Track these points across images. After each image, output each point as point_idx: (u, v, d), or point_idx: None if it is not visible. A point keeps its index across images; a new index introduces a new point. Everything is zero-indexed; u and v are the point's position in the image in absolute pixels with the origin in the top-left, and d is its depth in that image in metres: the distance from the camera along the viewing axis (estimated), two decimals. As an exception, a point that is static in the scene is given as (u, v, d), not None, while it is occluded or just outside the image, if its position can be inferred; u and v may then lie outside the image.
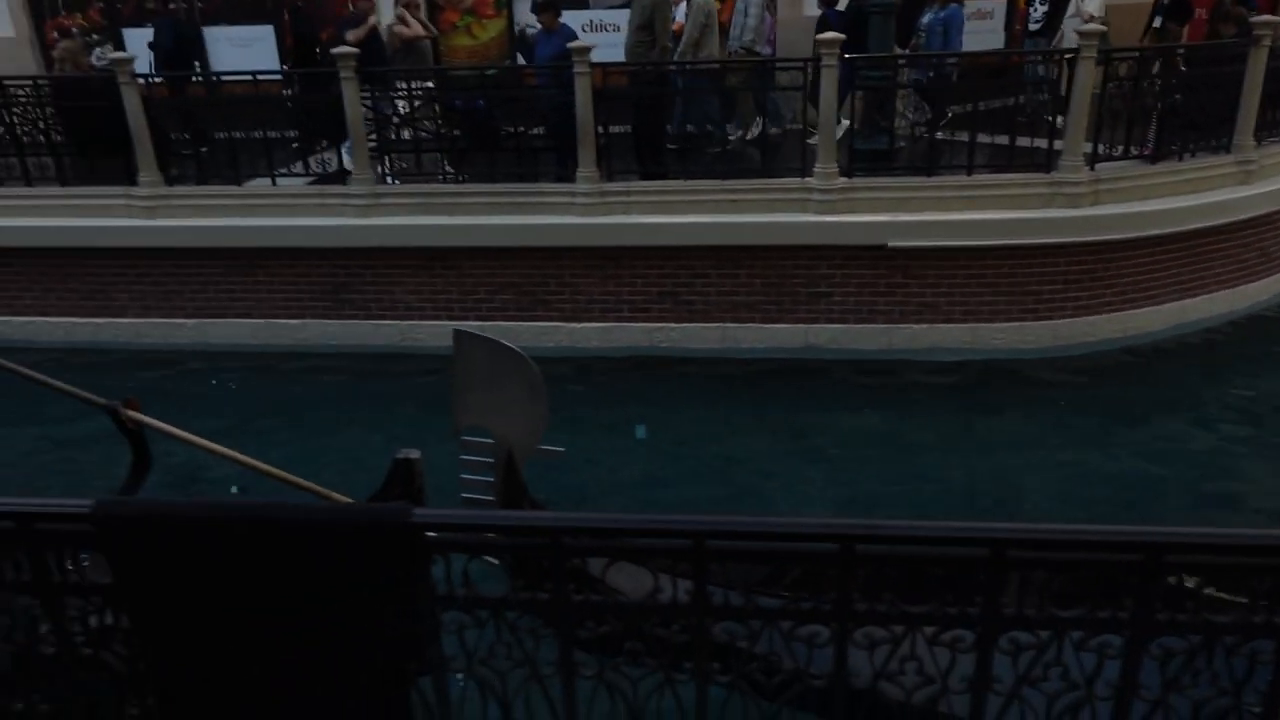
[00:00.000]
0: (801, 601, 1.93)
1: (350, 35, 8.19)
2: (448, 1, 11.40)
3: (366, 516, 1.96)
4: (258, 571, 2.02)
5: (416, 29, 8.81)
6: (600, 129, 7.26)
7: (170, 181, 7.69)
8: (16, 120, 7.75)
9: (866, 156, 7.29)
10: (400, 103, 7.63)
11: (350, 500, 3.66)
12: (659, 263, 7.41)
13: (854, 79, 7.24)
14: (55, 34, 12.06)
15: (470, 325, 7.67)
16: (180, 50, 9.64)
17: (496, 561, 2.23)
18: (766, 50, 8.96)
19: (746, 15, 8.62)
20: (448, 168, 7.82)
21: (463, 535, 1.96)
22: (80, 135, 7.88)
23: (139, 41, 10.11)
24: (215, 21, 11.94)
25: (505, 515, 1.92)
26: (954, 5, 8.71)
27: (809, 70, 7.00)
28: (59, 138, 7.94)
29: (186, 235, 7.61)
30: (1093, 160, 6.98)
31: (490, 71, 9.42)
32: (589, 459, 6.27)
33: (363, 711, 2.09)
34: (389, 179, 7.70)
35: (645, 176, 7.55)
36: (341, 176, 7.64)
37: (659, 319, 7.57)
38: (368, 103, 7.32)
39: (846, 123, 7.72)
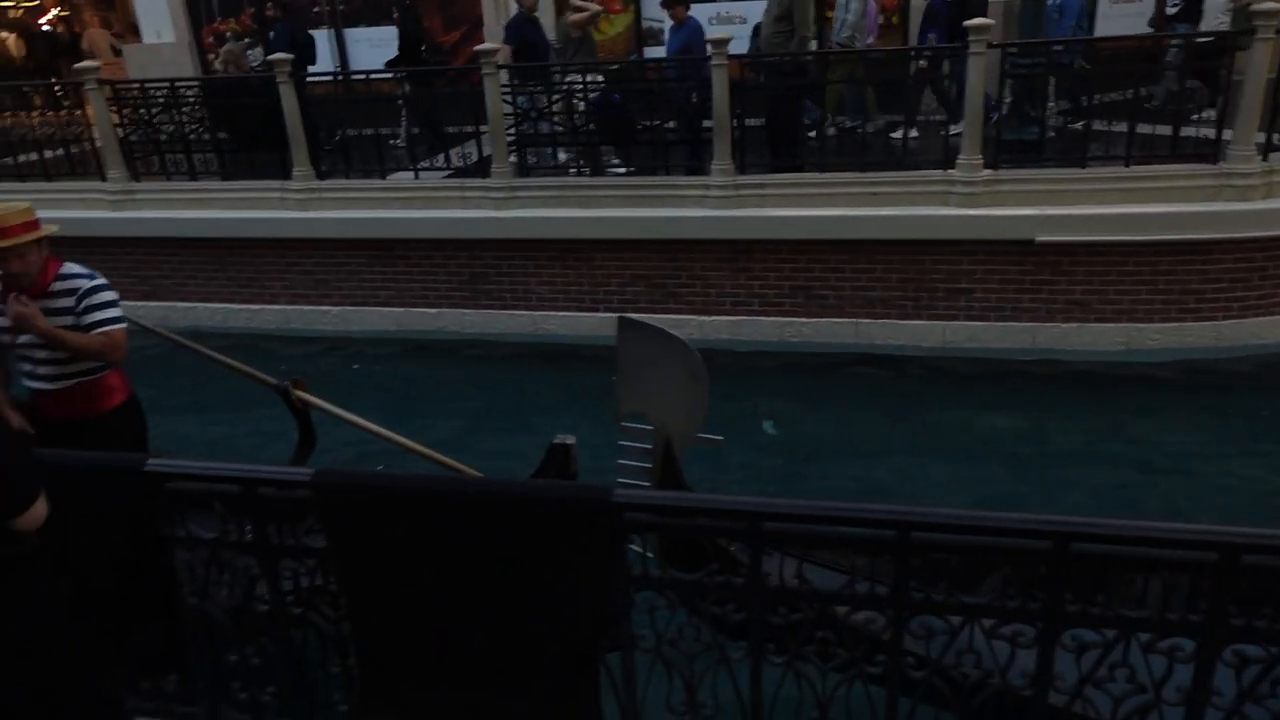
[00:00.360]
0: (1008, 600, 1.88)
1: (573, 18, 8.35)
2: (576, -3, 11.57)
3: (570, 494, 2.01)
4: (462, 543, 2.09)
5: (592, 6, 8.76)
6: (735, 122, 7.23)
7: (321, 175, 8.07)
8: (185, 119, 8.28)
9: (1013, 147, 7.01)
10: (540, 97, 7.76)
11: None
12: (791, 256, 7.33)
13: (1002, 66, 6.97)
14: (211, 39, 12.85)
15: (599, 317, 7.82)
16: (295, 54, 10.06)
17: (640, 549, 2.24)
18: (870, 42, 8.76)
19: (847, 10, 8.44)
20: (581, 162, 7.93)
21: (661, 517, 1.99)
22: (241, 132, 8.36)
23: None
24: (355, 23, 12.47)
25: (705, 498, 1.93)
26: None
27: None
28: (222, 135, 8.43)
29: (334, 226, 7.97)
30: (1265, 150, 6.53)
31: (614, 67, 9.48)
32: (716, 453, 6.27)
33: (554, 683, 2.15)
34: (525, 172, 7.87)
35: (777, 169, 7.48)
36: (480, 169, 7.86)
37: (790, 313, 7.49)
38: (508, 98, 7.49)
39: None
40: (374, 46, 12.30)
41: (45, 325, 3.33)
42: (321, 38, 12.43)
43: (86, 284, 3.50)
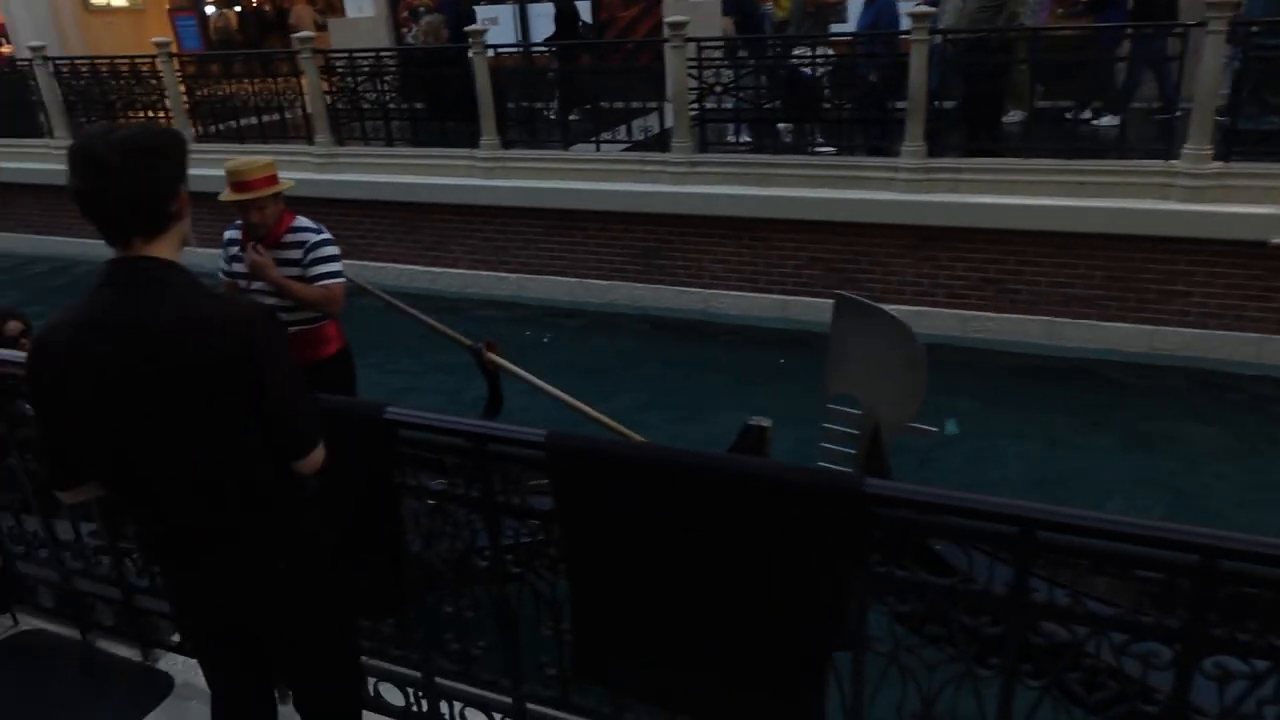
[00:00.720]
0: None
1: None
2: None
3: (820, 480, 1.91)
4: (695, 519, 2.03)
5: None
6: (932, 102, 6.88)
7: (506, 145, 8.26)
8: (385, 88, 8.65)
9: (1250, 138, 6.34)
10: (726, 71, 7.63)
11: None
12: (983, 247, 6.93)
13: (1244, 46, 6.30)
14: (405, 13, 13.39)
15: (772, 299, 7.66)
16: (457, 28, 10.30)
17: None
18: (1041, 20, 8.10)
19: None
20: (764, 138, 7.76)
21: (918, 513, 1.86)
22: (435, 101, 8.66)
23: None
24: (541, -1, 12.69)
25: (970, 497, 1.78)
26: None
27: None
28: (418, 105, 8.77)
29: (516, 195, 8.15)
30: None
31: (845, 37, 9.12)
32: (893, 449, 6.03)
33: (779, 676, 2.06)
34: (707, 147, 7.77)
35: (972, 153, 7.07)
36: (659, 143, 7.84)
37: (976, 307, 7.10)
38: (693, 71, 7.40)
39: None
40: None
41: (276, 274, 3.54)
42: (506, 12, 12.77)
43: (314, 238, 3.69)
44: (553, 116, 9.02)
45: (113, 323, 1.62)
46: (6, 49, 15.24)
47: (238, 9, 18.54)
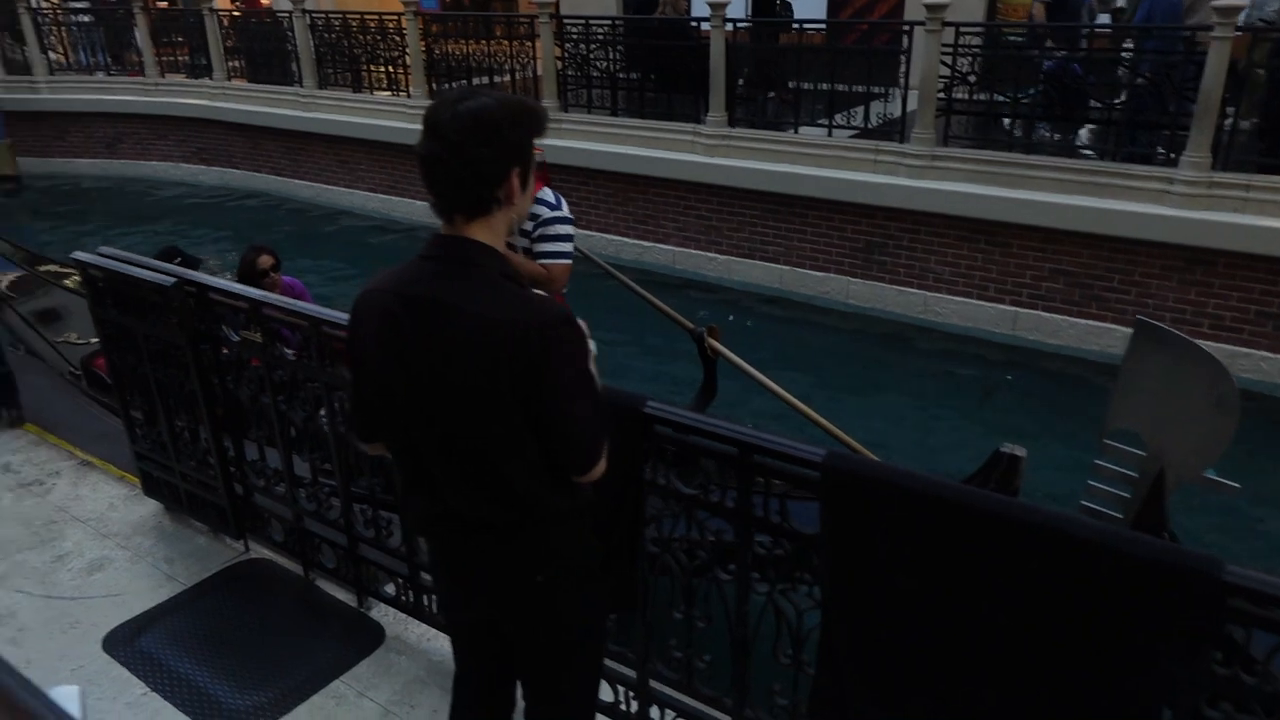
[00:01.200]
0: None
1: None
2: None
3: (1168, 559, 1.56)
4: (994, 571, 1.74)
5: None
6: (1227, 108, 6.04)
7: (733, 123, 8.02)
8: (616, 56, 8.61)
9: None
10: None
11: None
12: (1267, 277, 6.05)
13: None
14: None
15: (1001, 309, 7.06)
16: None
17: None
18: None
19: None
20: (1016, 134, 7.10)
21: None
22: (663, 73, 8.53)
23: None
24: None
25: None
26: None
27: None
28: (650, 76, 8.67)
29: (738, 175, 7.91)
30: None
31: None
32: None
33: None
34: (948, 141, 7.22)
35: (1267, 170, 6.16)
36: (887, 132, 7.35)
37: (1249, 343, 6.23)
38: (946, 58, 6.86)
39: None
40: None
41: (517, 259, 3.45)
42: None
43: (547, 213, 3.54)
44: (781, 96, 8.70)
45: (420, 298, 1.56)
46: (265, 0, 16.48)
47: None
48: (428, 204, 1.61)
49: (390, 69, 10.30)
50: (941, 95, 7.00)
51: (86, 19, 12.97)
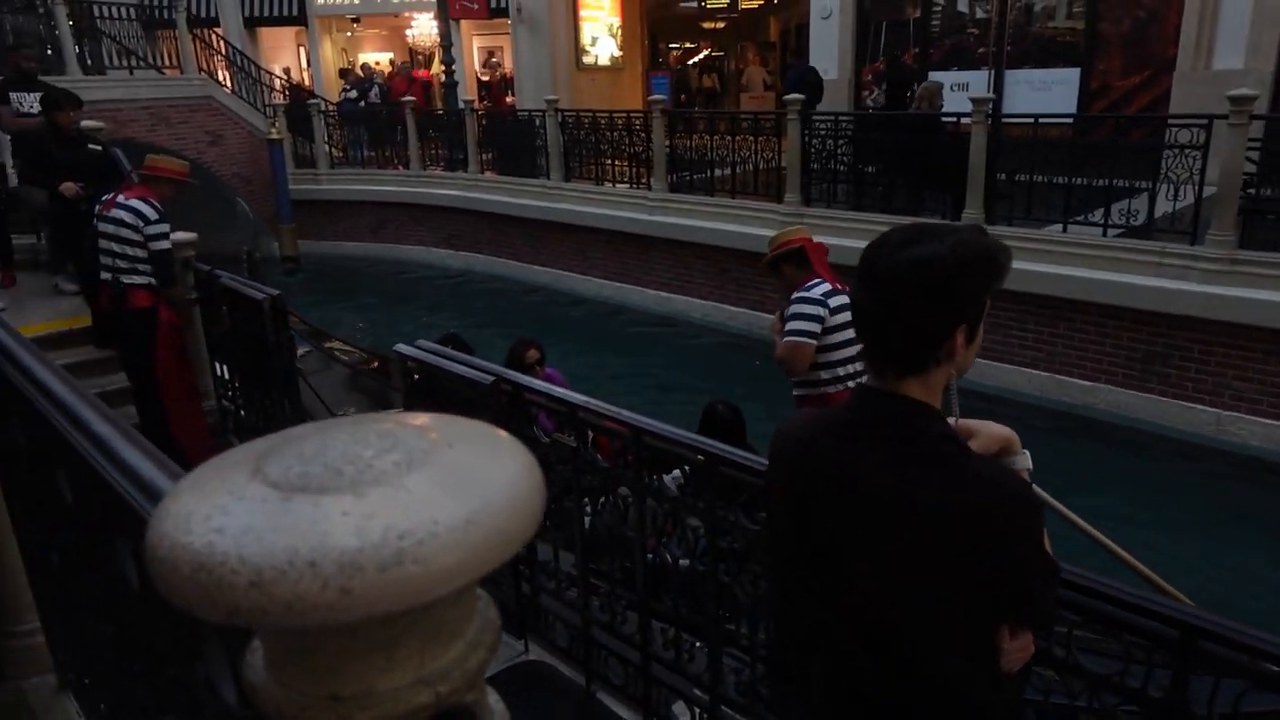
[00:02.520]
0: None
1: None
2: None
3: None
4: None
5: None
6: None
7: (991, 220, 7.61)
8: (854, 149, 8.49)
9: None
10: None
11: None
12: None
13: None
14: (869, 76, 13.33)
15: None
16: (805, 94, 9.73)
17: None
18: None
19: None
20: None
21: None
22: (915, 169, 8.29)
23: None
24: (1020, 64, 11.87)
25: None
26: None
27: None
28: (877, 169, 8.49)
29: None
30: None
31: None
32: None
33: None
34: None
35: None
36: (1176, 232, 6.69)
37: None
38: (1253, 153, 6.21)
39: None
40: (1035, 90, 11.63)
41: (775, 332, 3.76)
42: (979, 78, 12.11)
43: (794, 295, 3.70)
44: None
45: (851, 463, 1.40)
46: (511, 99, 17.80)
47: (697, 68, 20.10)
48: (658, 293, 1.47)
49: (633, 165, 10.70)
50: (1245, 192, 6.32)
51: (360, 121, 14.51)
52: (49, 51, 11.25)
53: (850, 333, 3.73)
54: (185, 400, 5.05)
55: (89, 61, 12.13)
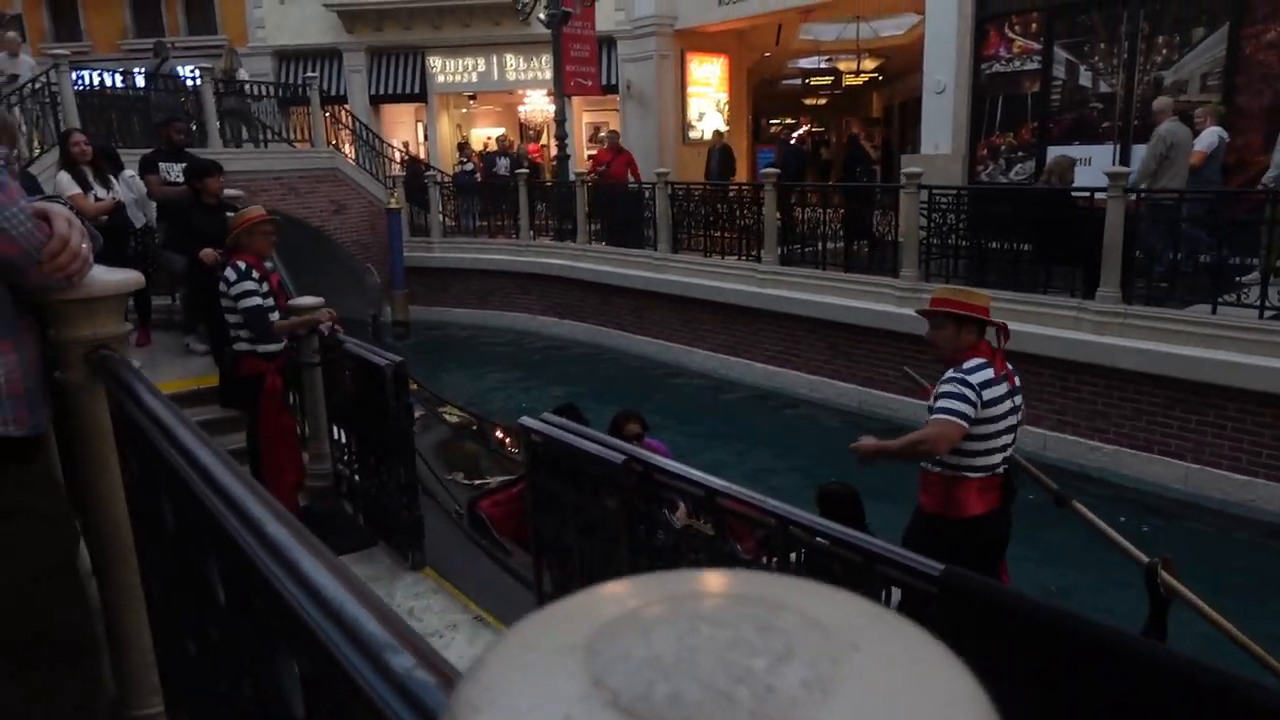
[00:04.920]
0: None
1: None
2: None
3: None
4: None
5: None
6: None
7: (1129, 299, 7.18)
8: (973, 225, 8.19)
9: None
10: None
11: None
12: None
13: None
14: (985, 150, 13.02)
15: None
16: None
17: None
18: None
19: None
20: None
21: None
22: (1044, 244, 7.94)
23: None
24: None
25: None
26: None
27: None
28: (1024, 246, 8.14)
29: (1134, 357, 6.99)
30: None
31: None
32: None
33: None
34: None
35: None
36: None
37: None
38: None
39: None
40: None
41: (870, 449, 3.49)
42: (1103, 153, 11.65)
43: (948, 374, 3.43)
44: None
45: None
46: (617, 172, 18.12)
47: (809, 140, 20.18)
48: (765, 366, 1.27)
49: (745, 238, 10.62)
50: None
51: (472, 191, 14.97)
52: (193, 127, 12.02)
53: (1003, 422, 3.45)
54: (278, 469, 5.01)
55: (228, 134, 12.89)
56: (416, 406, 7.29)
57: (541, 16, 13.04)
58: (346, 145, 15.01)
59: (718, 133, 15.89)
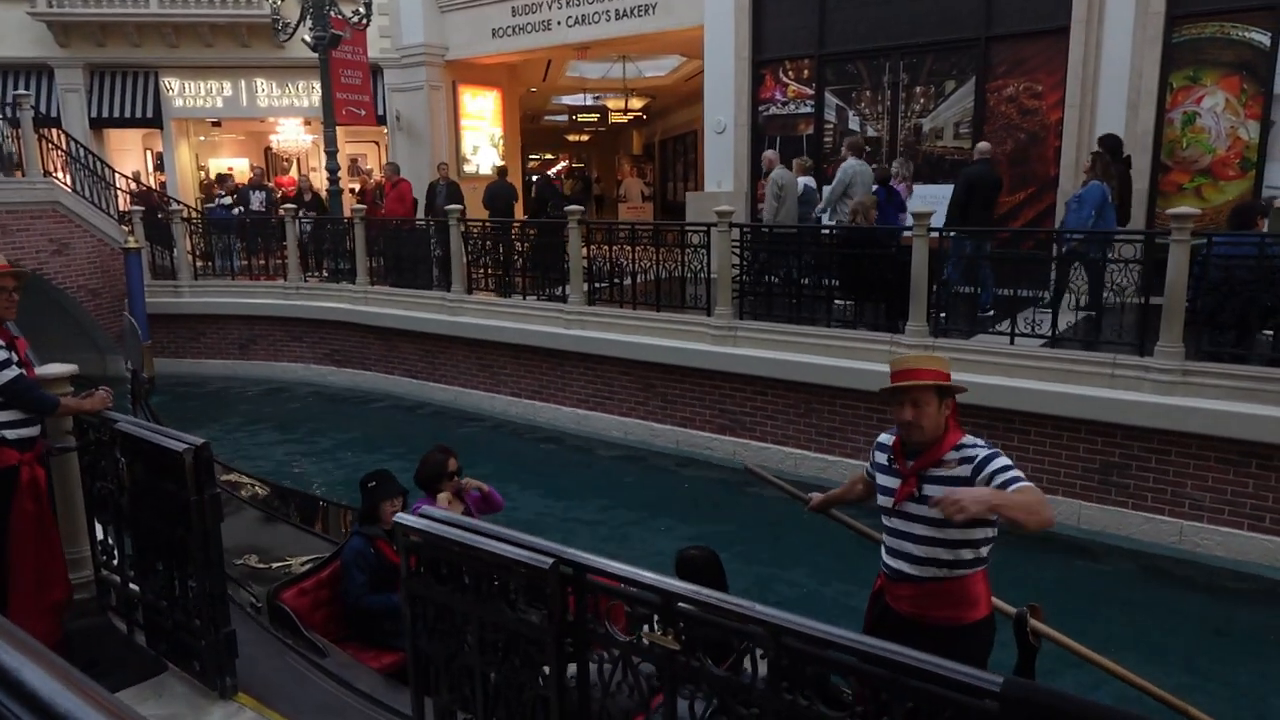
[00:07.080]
0: None
1: None
2: (1177, 162, 10.25)
3: None
4: None
5: None
6: None
7: (936, 334, 7.50)
8: (800, 264, 8.30)
9: None
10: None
11: None
12: None
13: None
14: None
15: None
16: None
17: None
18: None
19: None
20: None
21: None
22: (855, 281, 8.15)
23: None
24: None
25: None
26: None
27: None
28: (833, 282, 8.31)
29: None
30: None
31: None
32: None
33: None
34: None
35: None
36: (1122, 344, 6.75)
37: None
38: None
39: None
40: (927, 204, 11.98)
41: (978, 506, 2.66)
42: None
43: (983, 453, 2.88)
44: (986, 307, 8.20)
45: None
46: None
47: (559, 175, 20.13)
48: (574, 410, 0.95)
49: (544, 274, 10.15)
50: (1187, 304, 6.43)
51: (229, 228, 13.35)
52: None
53: None
54: (36, 586, 3.89)
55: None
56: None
57: (307, 38, 11.89)
58: (62, 173, 12.88)
59: (499, 168, 15.35)
